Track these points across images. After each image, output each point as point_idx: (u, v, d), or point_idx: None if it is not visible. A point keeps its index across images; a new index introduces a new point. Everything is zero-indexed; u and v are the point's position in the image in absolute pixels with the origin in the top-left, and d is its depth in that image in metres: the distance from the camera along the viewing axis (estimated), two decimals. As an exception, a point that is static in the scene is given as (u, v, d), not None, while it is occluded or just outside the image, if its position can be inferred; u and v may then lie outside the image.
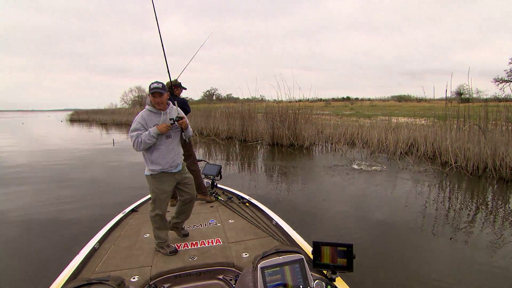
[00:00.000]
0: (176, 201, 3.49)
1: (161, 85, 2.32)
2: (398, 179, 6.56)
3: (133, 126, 2.33)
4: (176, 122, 2.38)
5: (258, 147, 11.72)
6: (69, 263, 2.16)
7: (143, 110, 2.41)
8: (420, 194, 5.43)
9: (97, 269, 2.18)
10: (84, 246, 2.42)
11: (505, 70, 27.81)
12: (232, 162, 8.89)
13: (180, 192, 2.61)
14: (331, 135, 12.23)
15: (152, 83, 2.32)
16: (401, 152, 9.22)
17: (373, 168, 7.52)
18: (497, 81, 27.69)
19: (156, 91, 2.30)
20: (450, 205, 4.91)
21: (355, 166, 7.73)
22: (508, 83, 26.91)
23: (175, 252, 2.41)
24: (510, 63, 27.38)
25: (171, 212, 2.79)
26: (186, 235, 2.72)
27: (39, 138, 17.31)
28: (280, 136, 11.51)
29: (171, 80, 2.76)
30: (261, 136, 12.73)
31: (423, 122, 12.98)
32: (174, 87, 3.48)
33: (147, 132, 2.29)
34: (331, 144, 11.60)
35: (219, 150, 11.42)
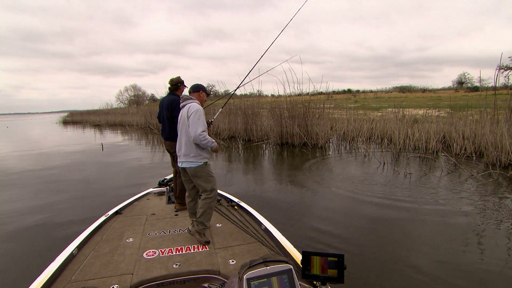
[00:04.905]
0: (180, 206, 3.36)
1: None
2: (451, 188, 5.25)
3: (204, 127, 2.56)
4: None
5: (264, 147, 10.42)
6: (42, 271, 1.97)
7: (200, 106, 2.62)
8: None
9: (73, 277, 2.02)
10: (61, 253, 2.21)
11: (510, 57, 26.05)
12: (235, 165, 7.57)
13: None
14: (345, 131, 10.94)
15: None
16: (433, 151, 7.95)
17: (410, 172, 6.23)
18: (502, 68, 25.86)
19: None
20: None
21: (387, 172, 6.44)
22: (514, 71, 25.18)
23: (208, 243, 2.47)
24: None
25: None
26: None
27: (16, 144, 15.93)
28: (290, 134, 10.19)
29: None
30: (267, 134, 11.43)
31: (441, 113, 11.78)
32: (180, 84, 3.52)
33: (215, 144, 2.72)
34: (348, 142, 10.32)
35: (220, 150, 10.09)
